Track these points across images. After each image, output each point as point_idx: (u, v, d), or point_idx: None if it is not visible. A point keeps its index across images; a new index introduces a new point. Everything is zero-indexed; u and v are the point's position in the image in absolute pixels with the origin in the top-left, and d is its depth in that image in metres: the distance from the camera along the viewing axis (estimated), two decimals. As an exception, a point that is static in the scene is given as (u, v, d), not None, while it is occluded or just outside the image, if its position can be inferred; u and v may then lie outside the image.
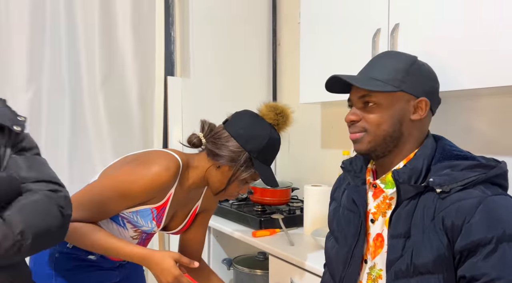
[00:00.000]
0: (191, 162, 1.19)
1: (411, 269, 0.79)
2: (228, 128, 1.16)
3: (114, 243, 1.06)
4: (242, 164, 1.13)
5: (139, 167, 1.09)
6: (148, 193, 1.09)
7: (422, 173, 0.84)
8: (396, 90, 0.86)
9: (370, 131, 0.88)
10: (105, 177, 1.13)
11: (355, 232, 0.93)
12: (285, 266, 1.49)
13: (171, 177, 1.10)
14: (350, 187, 0.98)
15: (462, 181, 0.78)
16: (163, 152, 1.16)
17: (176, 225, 1.29)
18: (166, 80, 2.16)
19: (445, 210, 0.78)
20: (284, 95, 2.34)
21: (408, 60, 0.90)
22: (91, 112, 1.92)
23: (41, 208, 0.72)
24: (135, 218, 1.15)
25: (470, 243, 0.74)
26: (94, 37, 1.90)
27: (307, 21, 1.71)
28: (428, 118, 0.91)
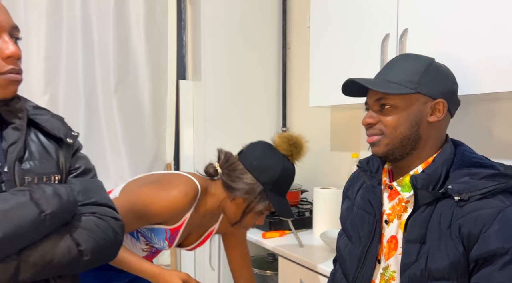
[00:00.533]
0: (209, 189, 1.21)
1: (425, 275, 0.80)
2: (242, 160, 1.17)
3: (128, 258, 1.11)
4: (256, 197, 1.15)
5: (160, 189, 1.12)
6: (165, 215, 1.12)
7: (441, 179, 0.84)
8: (412, 92, 0.86)
9: (387, 134, 0.88)
10: (127, 194, 1.17)
11: (369, 232, 0.94)
12: (294, 267, 1.51)
13: (188, 203, 1.13)
14: (366, 187, 0.99)
15: (481, 190, 0.77)
16: (184, 177, 1.18)
17: (189, 243, 1.33)
18: (178, 83, 2.21)
19: (463, 218, 0.78)
20: (293, 98, 2.37)
21: (425, 61, 0.90)
22: (105, 115, 1.97)
23: (105, 234, 0.80)
24: (149, 235, 1.19)
25: (486, 252, 0.74)
26: (108, 42, 1.95)
27: (317, 26, 1.74)
28: (446, 120, 0.90)
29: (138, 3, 2.02)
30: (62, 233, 0.74)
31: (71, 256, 0.74)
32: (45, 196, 0.71)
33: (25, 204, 0.69)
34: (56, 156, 0.84)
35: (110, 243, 0.81)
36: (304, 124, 2.28)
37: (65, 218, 0.75)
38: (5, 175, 0.76)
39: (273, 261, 1.89)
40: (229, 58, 2.23)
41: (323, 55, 1.71)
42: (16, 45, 0.77)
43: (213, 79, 2.19)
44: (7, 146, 0.78)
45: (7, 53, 0.74)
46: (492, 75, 1.10)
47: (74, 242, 0.74)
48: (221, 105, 2.22)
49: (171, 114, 2.17)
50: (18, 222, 0.67)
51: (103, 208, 0.85)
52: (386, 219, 0.93)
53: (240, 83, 2.28)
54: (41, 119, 0.86)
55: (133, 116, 2.04)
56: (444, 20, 1.21)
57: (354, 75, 1.04)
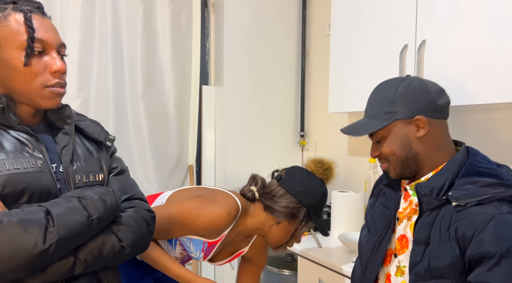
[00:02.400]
0: (248, 210, 1.29)
1: (428, 273, 0.87)
2: (284, 185, 1.26)
3: (167, 262, 1.19)
4: (302, 220, 1.24)
5: (206, 204, 1.20)
6: (206, 230, 1.20)
7: (445, 187, 0.91)
8: (390, 122, 0.96)
9: (390, 160, 0.99)
10: (174, 204, 1.24)
11: (385, 225, 1.03)
12: (313, 266, 1.58)
13: (230, 222, 1.21)
14: (387, 186, 1.08)
15: (478, 197, 0.84)
16: (229, 196, 1.25)
17: (219, 259, 1.41)
18: (201, 88, 2.30)
19: (459, 222, 0.84)
20: (311, 104, 2.43)
21: (392, 87, 0.97)
22: (132, 118, 2.07)
23: (140, 227, 0.89)
24: (188, 244, 1.27)
25: (477, 254, 0.80)
26: (136, 49, 2.05)
27: (337, 34, 1.80)
28: (438, 127, 0.96)
29: (164, 12, 2.12)
30: (107, 232, 0.83)
31: (115, 251, 0.84)
32: (93, 201, 0.81)
33: (76, 209, 0.78)
34: (97, 157, 0.94)
35: (144, 235, 0.90)
36: (322, 129, 2.35)
37: (109, 220, 0.84)
38: (60, 174, 0.86)
39: (291, 261, 1.96)
40: (250, 65, 2.31)
41: (342, 63, 1.76)
42: (62, 61, 0.85)
43: (234, 85, 2.28)
44: (60, 149, 0.88)
45: (54, 68, 0.83)
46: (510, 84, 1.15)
47: (117, 239, 0.84)
48: (241, 110, 2.30)
49: (194, 118, 2.26)
50: (71, 226, 0.76)
51: (138, 202, 0.94)
52: (397, 217, 1.02)
53: (260, 88, 2.36)
54: (84, 124, 0.96)
55: (158, 120, 2.13)
56: (462, 32, 1.27)
57: (373, 83, 1.11)
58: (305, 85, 2.45)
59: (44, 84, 0.83)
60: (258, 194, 1.28)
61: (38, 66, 0.82)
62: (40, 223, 0.73)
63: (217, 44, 2.31)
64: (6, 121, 0.82)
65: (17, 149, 0.80)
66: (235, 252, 1.40)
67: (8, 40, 0.80)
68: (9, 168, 0.77)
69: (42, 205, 0.77)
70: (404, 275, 0.98)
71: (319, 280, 1.54)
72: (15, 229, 0.71)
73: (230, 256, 1.40)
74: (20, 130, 0.83)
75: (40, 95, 0.83)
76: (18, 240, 0.70)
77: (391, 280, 1.01)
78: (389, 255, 1.03)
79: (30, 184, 0.78)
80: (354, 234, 1.64)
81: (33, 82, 0.82)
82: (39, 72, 0.82)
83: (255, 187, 1.30)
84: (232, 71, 2.27)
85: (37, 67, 0.82)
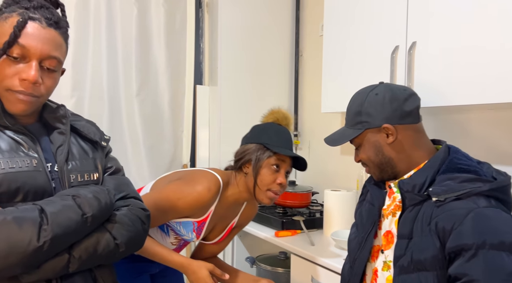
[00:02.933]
0: (231, 181, 1.33)
1: (411, 266, 0.91)
2: (242, 143, 1.35)
3: (159, 251, 1.21)
4: (257, 152, 1.27)
5: (185, 185, 1.23)
6: (191, 209, 1.23)
7: (426, 183, 0.95)
8: (361, 131, 1.03)
9: (369, 165, 1.07)
10: (156, 191, 1.27)
11: (371, 222, 1.07)
12: (306, 264, 1.60)
13: (212, 197, 1.24)
14: (373, 185, 1.12)
15: (457, 192, 0.88)
16: (206, 173, 1.29)
17: (214, 237, 1.44)
18: (195, 88, 2.31)
19: (439, 217, 0.88)
20: (305, 104, 2.46)
21: (360, 99, 1.04)
22: (127, 117, 2.08)
23: (134, 226, 0.90)
24: (179, 228, 1.29)
25: (456, 246, 0.84)
26: (131, 49, 2.06)
27: (329, 35, 1.82)
28: (405, 133, 1.00)
29: (159, 12, 2.13)
30: (102, 230, 0.85)
31: (110, 249, 0.85)
32: (87, 200, 0.82)
33: (70, 207, 0.79)
34: (92, 157, 0.96)
35: (139, 233, 0.92)
36: (315, 128, 2.37)
37: (104, 218, 0.86)
38: (55, 173, 0.87)
39: (284, 259, 1.98)
40: (244, 65, 2.33)
41: (335, 63, 1.79)
42: (36, 72, 0.81)
43: (228, 85, 2.30)
44: (56, 148, 0.89)
45: (23, 76, 0.81)
46: (501, 86, 1.18)
47: (112, 237, 0.85)
48: (235, 109, 2.32)
49: (188, 118, 2.28)
50: (65, 223, 0.77)
51: (133, 200, 0.96)
52: (382, 214, 1.06)
53: (254, 88, 2.38)
54: (79, 124, 0.98)
55: (152, 119, 2.15)
56: (451, 35, 1.30)
57: (365, 84, 1.14)
58: (298, 85, 2.47)
59: (8, 87, 0.82)
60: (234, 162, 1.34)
61: (8, 69, 0.81)
62: (35, 221, 0.74)
63: (211, 44, 2.32)
64: (1, 121, 0.83)
65: (12, 148, 0.82)
66: (227, 226, 1.43)
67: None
68: (4, 167, 0.78)
69: (36, 203, 0.78)
70: (390, 270, 1.01)
71: (311, 277, 1.57)
72: (10, 227, 0.72)
73: (223, 231, 1.43)
74: (15, 130, 0.84)
75: (4, 97, 0.83)
76: (13, 238, 0.72)
77: (378, 275, 1.04)
78: (376, 251, 1.07)
79: (25, 183, 0.80)
80: (346, 232, 1.67)
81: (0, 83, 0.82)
82: (8, 75, 0.81)
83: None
84: (226, 71, 2.28)
85: (7, 70, 0.81)
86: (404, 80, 1.44)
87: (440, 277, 0.87)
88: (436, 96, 1.33)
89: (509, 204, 0.92)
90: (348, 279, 1.12)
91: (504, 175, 0.93)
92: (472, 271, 0.81)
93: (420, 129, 1.03)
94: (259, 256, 2.08)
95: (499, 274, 0.79)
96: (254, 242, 2.19)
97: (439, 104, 1.33)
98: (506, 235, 0.82)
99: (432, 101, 1.34)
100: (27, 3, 0.84)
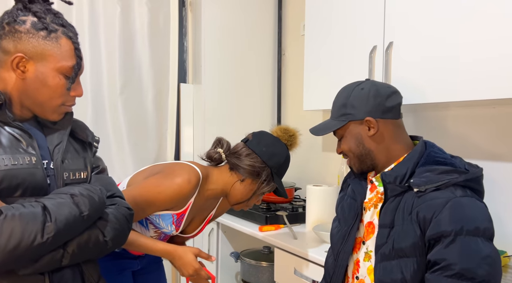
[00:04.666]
0: (210, 175, 1.33)
1: (392, 253, 0.97)
2: (251, 146, 1.32)
3: (143, 241, 1.23)
4: (265, 179, 1.30)
5: (165, 179, 1.24)
6: (171, 202, 1.24)
7: (407, 175, 1.01)
8: (344, 123, 1.08)
9: (349, 156, 1.12)
10: (136, 186, 1.27)
11: (354, 215, 1.12)
12: (289, 257, 1.65)
13: (192, 189, 1.25)
14: (354, 180, 1.17)
15: (436, 183, 0.94)
16: (186, 165, 1.29)
17: (192, 229, 1.45)
18: (179, 86, 2.33)
19: (420, 206, 0.94)
20: (288, 102, 2.51)
21: (347, 93, 1.10)
22: (111, 115, 2.09)
23: (120, 223, 0.94)
24: (157, 221, 1.30)
25: (435, 233, 0.90)
26: (114, 48, 2.07)
27: (311, 34, 1.87)
28: (386, 127, 1.06)
29: (142, 11, 2.14)
30: (93, 227, 0.88)
31: (99, 246, 0.89)
32: (83, 199, 0.85)
33: (70, 205, 0.83)
34: (82, 156, 0.99)
35: (124, 231, 0.96)
36: (298, 125, 2.41)
37: (97, 216, 0.89)
38: (51, 170, 0.90)
39: (268, 253, 2.03)
40: (227, 63, 2.36)
41: (316, 62, 1.84)
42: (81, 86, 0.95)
43: (212, 83, 2.32)
44: (53, 147, 0.92)
45: (76, 94, 0.93)
46: (474, 84, 1.25)
47: (102, 234, 0.89)
48: (219, 107, 2.35)
49: (172, 116, 2.29)
50: (66, 221, 0.81)
51: (119, 200, 0.99)
52: (364, 207, 1.11)
53: (238, 86, 2.41)
54: (75, 125, 1.00)
55: (136, 117, 2.16)
56: (427, 35, 1.36)
57: (345, 81, 1.19)
58: (281, 83, 2.52)
59: (63, 103, 0.91)
60: (225, 155, 1.34)
61: (64, 87, 0.90)
62: (39, 218, 0.78)
63: (195, 42, 2.35)
64: (2, 118, 0.85)
65: (13, 145, 0.84)
66: (205, 218, 1.46)
67: (52, 59, 0.87)
68: (7, 163, 0.81)
69: (39, 200, 0.81)
70: (371, 259, 1.06)
71: (294, 269, 1.62)
72: (17, 223, 0.76)
73: (201, 223, 1.46)
74: (14, 126, 0.86)
75: (54, 110, 0.91)
76: (20, 233, 0.75)
77: (360, 265, 1.09)
78: (358, 243, 1.12)
79: (25, 179, 0.83)
80: (327, 226, 1.72)
81: (56, 99, 0.89)
82: (65, 93, 0.90)
83: (221, 149, 1.35)
84: (209, 70, 2.31)
85: (64, 89, 0.90)
86: (382, 78, 1.50)
87: (419, 263, 0.93)
88: (412, 93, 1.39)
89: (481, 193, 0.99)
90: (332, 271, 1.16)
91: (475, 167, 1.00)
92: (450, 256, 0.87)
93: (400, 125, 1.10)
94: (243, 251, 2.13)
95: (474, 258, 0.86)
96: (239, 237, 2.23)
97: (415, 101, 1.39)
98: (481, 222, 0.89)
99: (408, 98, 1.40)
100: (59, 20, 0.90)
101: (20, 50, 0.85)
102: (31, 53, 0.85)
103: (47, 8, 0.90)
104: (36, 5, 0.88)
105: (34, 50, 0.85)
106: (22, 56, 0.85)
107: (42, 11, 0.87)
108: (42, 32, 0.86)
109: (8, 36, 0.85)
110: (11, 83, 0.87)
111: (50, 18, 0.88)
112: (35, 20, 0.86)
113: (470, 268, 0.85)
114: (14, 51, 0.85)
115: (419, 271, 0.93)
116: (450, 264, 0.87)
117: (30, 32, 0.85)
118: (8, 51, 0.85)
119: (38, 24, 0.86)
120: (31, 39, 0.85)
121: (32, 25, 0.85)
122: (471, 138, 1.53)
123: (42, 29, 0.86)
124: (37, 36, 0.85)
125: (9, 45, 0.85)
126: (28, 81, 0.87)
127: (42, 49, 0.86)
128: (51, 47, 0.86)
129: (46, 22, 0.87)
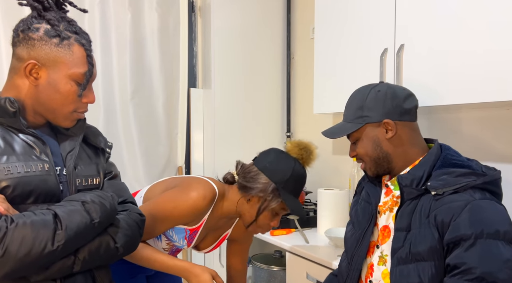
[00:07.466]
0: (226, 193, 1.32)
1: (409, 257, 0.95)
2: (256, 164, 1.30)
3: (160, 257, 1.21)
4: (269, 194, 1.25)
5: (181, 193, 1.23)
6: (186, 217, 1.23)
7: (423, 178, 0.99)
8: (361, 125, 1.06)
9: (365, 160, 1.09)
10: (151, 202, 1.26)
11: (368, 219, 1.11)
12: (301, 261, 1.64)
13: (207, 205, 1.24)
14: (369, 184, 1.16)
15: (454, 186, 0.93)
16: (203, 180, 1.28)
17: (206, 246, 1.44)
18: (189, 91, 2.35)
19: (438, 210, 0.93)
20: (297, 105, 2.50)
21: (364, 94, 1.07)
22: (122, 121, 2.10)
23: (131, 230, 0.94)
24: (170, 233, 1.30)
25: (455, 237, 0.89)
26: (125, 54, 2.08)
27: (320, 37, 1.86)
28: (407, 129, 1.05)
29: (152, 17, 2.15)
30: (104, 233, 0.89)
31: (110, 252, 0.90)
32: (94, 206, 0.86)
33: (81, 213, 0.83)
34: (95, 162, 0.99)
35: (135, 237, 0.96)
36: (307, 129, 2.42)
37: (108, 223, 0.90)
38: (63, 177, 0.91)
39: (279, 257, 2.02)
40: (237, 67, 2.37)
41: (326, 65, 1.83)
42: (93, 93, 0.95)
43: (221, 87, 2.33)
44: (66, 153, 0.93)
45: (89, 100, 0.93)
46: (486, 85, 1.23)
47: (112, 241, 0.89)
48: (229, 112, 2.36)
49: (183, 120, 2.30)
50: (76, 229, 0.81)
51: (131, 206, 1.00)
52: (379, 210, 1.10)
53: (247, 90, 2.41)
54: (88, 131, 1.01)
55: (147, 122, 2.17)
56: (437, 37, 1.35)
57: (356, 86, 1.18)
58: (290, 87, 2.52)
59: (75, 109, 0.92)
60: (237, 176, 1.33)
61: (76, 94, 0.90)
62: (50, 226, 0.78)
63: (204, 47, 2.36)
64: (16, 125, 0.86)
65: (26, 152, 0.85)
66: (219, 237, 1.44)
67: (64, 66, 0.87)
68: (20, 170, 0.82)
69: (50, 208, 0.82)
70: (386, 264, 1.05)
71: (306, 274, 1.61)
72: (29, 231, 0.76)
73: (215, 241, 1.44)
74: (28, 133, 0.87)
75: (67, 117, 0.91)
76: (31, 241, 0.76)
77: (374, 269, 1.08)
78: (372, 246, 1.11)
79: (38, 186, 0.84)
80: (339, 230, 1.71)
81: (68, 105, 0.90)
82: (77, 99, 0.90)
83: (235, 171, 1.35)
84: (219, 74, 2.32)
85: (76, 95, 0.90)
86: (393, 80, 1.49)
87: (437, 267, 0.92)
88: (424, 96, 1.38)
89: (500, 196, 0.98)
90: (346, 275, 1.15)
91: (493, 170, 0.98)
92: (470, 260, 0.85)
93: (416, 128, 1.08)
94: (254, 255, 2.12)
95: (495, 262, 0.84)
96: (250, 241, 2.22)
97: (427, 104, 1.38)
98: (501, 225, 0.87)
99: (421, 100, 1.38)
100: (73, 27, 0.91)
101: (33, 57, 0.86)
102: (43, 60, 0.86)
103: (61, 16, 0.91)
104: (51, 13, 0.89)
105: (46, 57, 0.86)
106: (35, 63, 0.86)
107: (56, 19, 0.88)
108: (54, 39, 0.86)
109: (22, 43, 0.86)
110: (24, 90, 0.88)
111: (63, 26, 0.89)
112: (49, 27, 0.87)
113: (492, 272, 0.83)
114: (27, 58, 0.86)
115: (437, 275, 0.92)
116: (470, 268, 0.85)
117: (43, 39, 0.86)
118: (22, 58, 0.86)
119: (51, 31, 0.87)
120: (44, 46, 0.86)
121: (45, 32, 0.86)
122: (485, 140, 1.50)
123: (55, 36, 0.87)
124: (50, 43, 0.86)
125: (23, 52, 0.86)
126: (41, 87, 0.87)
127: (55, 56, 0.86)
128: (63, 54, 0.87)
129: (59, 29, 0.87)
